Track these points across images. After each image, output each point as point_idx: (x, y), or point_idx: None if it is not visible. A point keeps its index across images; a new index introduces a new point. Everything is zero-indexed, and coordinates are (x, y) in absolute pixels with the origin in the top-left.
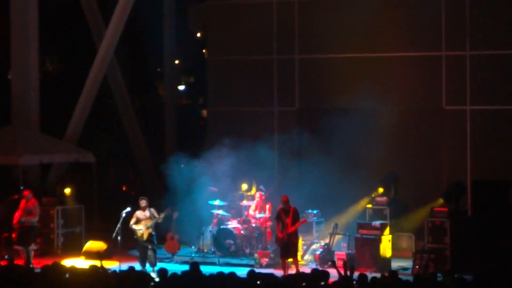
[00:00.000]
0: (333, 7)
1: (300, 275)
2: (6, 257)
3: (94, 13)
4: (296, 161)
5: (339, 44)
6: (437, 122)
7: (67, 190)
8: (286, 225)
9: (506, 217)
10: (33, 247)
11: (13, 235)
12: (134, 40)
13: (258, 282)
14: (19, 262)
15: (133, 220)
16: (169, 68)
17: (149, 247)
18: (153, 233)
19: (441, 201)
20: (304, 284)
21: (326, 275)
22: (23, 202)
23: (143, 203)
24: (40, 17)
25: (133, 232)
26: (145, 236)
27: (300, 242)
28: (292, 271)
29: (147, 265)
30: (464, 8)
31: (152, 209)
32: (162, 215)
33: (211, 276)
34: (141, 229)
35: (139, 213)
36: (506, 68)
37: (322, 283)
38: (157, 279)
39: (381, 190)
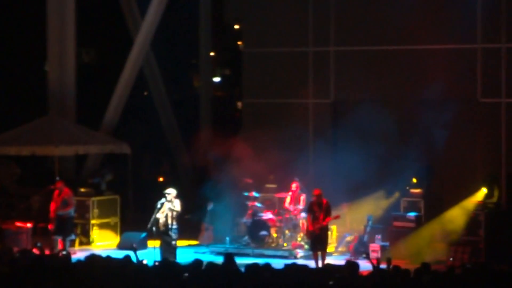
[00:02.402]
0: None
1: (333, 267)
2: (38, 245)
3: (131, 4)
4: (331, 152)
5: (374, 36)
6: (472, 114)
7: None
8: (318, 218)
9: None
10: (72, 237)
11: (50, 226)
12: (170, 32)
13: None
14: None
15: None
16: (204, 60)
17: (165, 238)
18: (171, 225)
19: (479, 192)
20: (337, 275)
21: (355, 265)
22: (56, 193)
23: (168, 196)
24: (77, 8)
25: (154, 224)
26: (161, 226)
27: (335, 233)
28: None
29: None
30: (500, 0)
31: (178, 200)
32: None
33: (246, 267)
34: (160, 217)
35: (166, 206)
36: None
37: (355, 274)
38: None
39: (414, 180)
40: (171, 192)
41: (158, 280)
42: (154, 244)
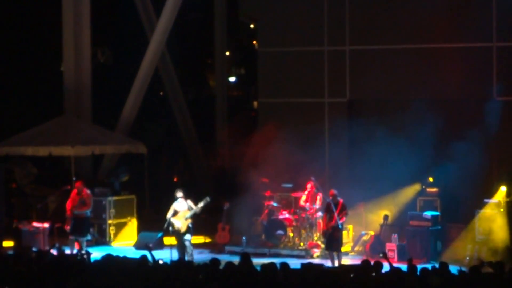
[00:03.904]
0: None
1: (349, 267)
2: (56, 245)
3: (146, 4)
4: (346, 151)
5: (390, 35)
6: (488, 113)
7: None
8: (333, 218)
9: None
10: (88, 237)
11: (66, 226)
12: (185, 32)
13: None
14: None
15: (170, 213)
16: (220, 59)
17: (186, 238)
18: (190, 224)
19: (499, 191)
20: (352, 275)
21: (378, 266)
22: (74, 192)
23: (179, 194)
24: (92, 8)
25: (170, 224)
26: (183, 229)
27: (351, 233)
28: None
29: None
30: None
31: (188, 201)
32: (200, 205)
33: (263, 266)
34: (179, 221)
35: (176, 205)
36: None
37: (373, 274)
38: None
39: (431, 179)
40: (180, 193)
41: (175, 280)
42: (171, 243)
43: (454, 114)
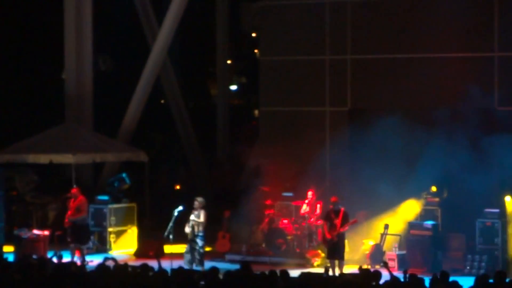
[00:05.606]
0: (384, 8)
1: (349, 275)
2: (58, 254)
3: (148, 12)
4: (347, 160)
5: (391, 45)
6: (489, 123)
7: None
8: (334, 226)
9: None
10: (88, 245)
11: (58, 232)
12: (187, 40)
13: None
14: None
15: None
16: (221, 68)
17: (194, 247)
18: (200, 233)
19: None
20: (354, 284)
21: (377, 275)
22: (71, 201)
23: (195, 204)
24: (94, 16)
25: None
26: (190, 235)
27: (351, 242)
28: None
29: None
30: None
31: (202, 210)
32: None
33: (263, 275)
34: (188, 229)
35: (192, 216)
36: None
37: (373, 283)
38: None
39: (434, 188)
40: (200, 201)
41: None
42: (171, 252)
43: (456, 123)
